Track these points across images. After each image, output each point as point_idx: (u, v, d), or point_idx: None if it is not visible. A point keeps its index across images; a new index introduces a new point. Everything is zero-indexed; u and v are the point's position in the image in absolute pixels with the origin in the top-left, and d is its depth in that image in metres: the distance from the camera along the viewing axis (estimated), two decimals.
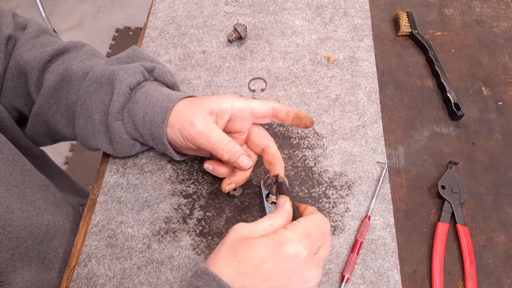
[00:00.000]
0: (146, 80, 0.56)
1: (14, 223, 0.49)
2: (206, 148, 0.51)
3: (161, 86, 0.56)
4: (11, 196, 0.50)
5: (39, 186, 0.57)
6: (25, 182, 0.54)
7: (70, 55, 0.59)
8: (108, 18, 2.32)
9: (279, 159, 0.53)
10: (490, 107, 0.67)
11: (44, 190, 0.58)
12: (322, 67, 0.70)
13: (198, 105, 0.51)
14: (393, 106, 0.67)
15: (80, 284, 0.51)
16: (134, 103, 0.53)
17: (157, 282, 0.52)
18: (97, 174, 0.61)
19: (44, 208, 0.56)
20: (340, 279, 0.52)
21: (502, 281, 0.52)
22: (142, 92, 0.53)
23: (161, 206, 0.57)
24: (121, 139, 0.54)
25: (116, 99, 0.52)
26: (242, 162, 0.51)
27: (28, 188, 0.54)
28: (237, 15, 0.78)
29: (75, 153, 1.85)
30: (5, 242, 0.48)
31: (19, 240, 0.50)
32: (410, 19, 0.75)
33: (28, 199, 0.53)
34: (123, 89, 0.52)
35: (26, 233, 0.51)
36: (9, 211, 0.49)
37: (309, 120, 0.54)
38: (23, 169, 0.54)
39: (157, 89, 0.54)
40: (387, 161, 0.61)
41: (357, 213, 0.56)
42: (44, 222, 0.55)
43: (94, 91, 0.54)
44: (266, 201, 0.54)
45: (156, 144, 0.54)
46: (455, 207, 0.56)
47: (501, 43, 0.74)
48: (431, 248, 0.54)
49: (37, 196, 0.55)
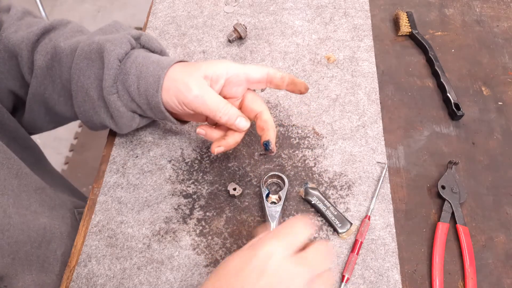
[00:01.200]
0: (134, 48, 0.54)
1: (12, 228, 0.49)
2: (203, 111, 0.50)
3: (150, 53, 0.55)
4: (7, 200, 0.50)
5: (34, 189, 0.56)
6: (21, 186, 0.53)
7: (56, 32, 0.57)
8: (108, 18, 2.32)
9: (271, 125, 0.53)
10: (490, 107, 0.67)
11: (40, 193, 0.57)
12: (322, 67, 0.70)
13: (193, 69, 0.51)
14: (393, 106, 0.67)
15: (80, 284, 0.51)
16: (126, 74, 0.52)
17: (157, 282, 0.52)
18: (97, 174, 0.61)
19: (40, 212, 0.56)
20: (340, 279, 0.52)
21: (502, 281, 0.52)
22: (131, 61, 0.52)
23: (161, 206, 0.57)
24: (119, 112, 0.53)
25: (107, 72, 0.51)
26: (239, 123, 0.51)
27: (23, 192, 0.54)
28: (237, 15, 0.78)
29: (75, 153, 1.85)
30: (5, 247, 0.48)
31: (19, 245, 0.50)
32: (410, 19, 0.75)
33: (24, 203, 0.53)
34: (112, 61, 0.51)
35: (24, 237, 0.51)
36: (6, 216, 0.48)
37: (303, 86, 0.53)
38: (18, 172, 0.54)
39: (146, 57, 0.53)
40: (387, 161, 0.61)
41: (357, 213, 0.56)
42: (40, 226, 0.54)
43: (86, 67, 0.53)
44: (266, 201, 0.54)
45: (155, 114, 0.54)
46: (455, 207, 0.56)
47: (501, 43, 0.74)
48: (431, 248, 0.54)
49: (32, 200, 0.55)
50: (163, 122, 0.65)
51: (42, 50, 0.55)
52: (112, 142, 0.63)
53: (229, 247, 0.54)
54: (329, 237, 0.55)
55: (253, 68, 0.52)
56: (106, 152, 0.62)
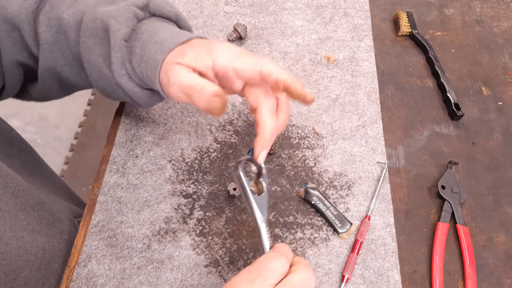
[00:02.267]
0: (142, 19, 0.48)
1: (9, 255, 0.47)
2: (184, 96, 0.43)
3: (160, 24, 0.48)
4: (4, 224, 0.47)
5: (32, 206, 0.54)
6: (17, 205, 0.51)
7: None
8: None
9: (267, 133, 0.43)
10: (490, 107, 0.67)
11: (38, 210, 0.55)
12: (322, 67, 0.70)
13: (180, 55, 0.43)
14: (393, 106, 0.67)
15: (80, 284, 0.51)
16: (132, 54, 0.47)
17: (157, 282, 0.52)
18: (97, 174, 0.61)
19: (37, 231, 0.53)
20: (340, 279, 0.52)
21: (502, 281, 0.52)
22: (136, 39, 0.47)
23: (161, 206, 0.57)
24: (134, 92, 0.49)
25: (114, 55, 0.46)
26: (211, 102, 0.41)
27: (20, 211, 0.51)
28: (237, 15, 0.78)
29: (75, 153, 1.85)
30: (2, 277, 0.46)
31: (16, 272, 0.48)
32: (410, 19, 0.75)
33: (21, 224, 0.50)
34: (118, 43, 0.46)
35: (22, 262, 0.49)
36: (3, 243, 0.46)
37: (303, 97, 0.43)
38: (14, 190, 0.51)
39: (151, 33, 0.46)
40: (387, 161, 0.61)
41: (357, 213, 0.56)
42: (39, 247, 0.52)
43: (94, 45, 0.48)
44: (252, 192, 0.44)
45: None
46: (455, 207, 0.56)
47: (501, 43, 0.74)
48: (431, 248, 0.54)
49: (30, 218, 0.53)
50: (163, 121, 0.65)
51: (45, 21, 0.50)
52: (112, 142, 0.63)
53: (229, 247, 0.54)
54: (329, 237, 0.55)
55: (244, 62, 0.42)
56: (106, 152, 0.62)
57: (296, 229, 0.55)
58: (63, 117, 1.95)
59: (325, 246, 0.54)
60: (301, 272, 0.37)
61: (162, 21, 0.49)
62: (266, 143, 0.43)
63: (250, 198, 0.43)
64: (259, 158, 0.44)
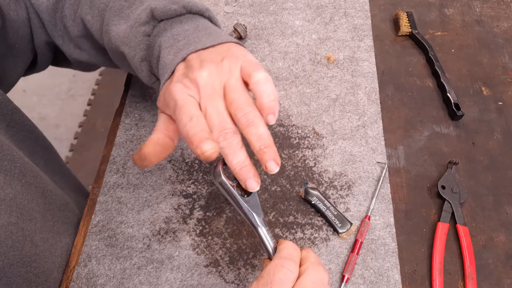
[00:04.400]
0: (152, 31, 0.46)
1: (39, 258, 0.47)
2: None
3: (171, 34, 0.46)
4: (34, 225, 0.47)
5: (58, 206, 0.55)
6: (46, 205, 0.51)
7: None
8: None
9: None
10: (490, 107, 0.67)
11: (63, 210, 0.56)
12: (322, 67, 0.70)
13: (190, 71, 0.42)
14: (393, 106, 0.67)
15: (80, 284, 0.51)
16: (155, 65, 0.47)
17: (157, 282, 0.52)
18: (97, 174, 0.61)
19: (63, 231, 0.54)
20: (340, 279, 0.52)
21: (502, 281, 0.52)
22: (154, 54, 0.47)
23: (161, 206, 0.57)
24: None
25: (140, 75, 0.48)
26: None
27: (48, 211, 0.52)
28: (237, 15, 0.78)
29: (75, 153, 1.85)
30: (33, 279, 0.45)
31: (46, 273, 0.48)
32: (410, 19, 0.75)
33: (48, 224, 0.51)
34: (138, 65, 0.47)
35: (51, 265, 0.49)
36: (33, 245, 0.46)
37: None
38: (44, 190, 0.52)
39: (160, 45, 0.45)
40: (387, 161, 0.61)
41: (357, 213, 0.56)
42: (63, 248, 0.53)
43: (120, 61, 0.51)
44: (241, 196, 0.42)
45: None
46: (455, 207, 0.56)
47: (501, 43, 0.74)
48: (431, 248, 0.54)
49: (56, 219, 0.53)
50: None
51: (71, 16, 0.52)
52: (112, 142, 0.63)
53: (229, 247, 0.54)
54: (329, 237, 0.55)
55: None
56: (106, 152, 0.62)
57: (296, 229, 0.55)
58: (63, 117, 1.95)
59: (325, 246, 0.54)
60: (312, 272, 0.36)
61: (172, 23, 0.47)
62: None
63: (240, 201, 0.40)
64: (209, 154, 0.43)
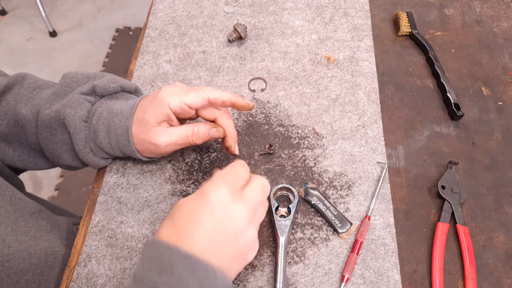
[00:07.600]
0: (94, 102, 0.55)
1: (12, 258, 0.48)
2: (180, 147, 0.54)
3: (112, 102, 0.56)
4: (5, 228, 0.49)
5: (30, 213, 0.56)
6: (16, 212, 0.53)
7: (12, 93, 0.57)
8: (108, 18, 2.32)
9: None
10: (490, 107, 0.67)
11: (36, 217, 0.57)
12: (322, 67, 0.70)
13: (147, 124, 0.51)
14: (393, 106, 0.67)
15: (80, 284, 0.51)
16: (95, 132, 0.53)
17: None
18: (97, 174, 0.61)
19: (39, 236, 0.55)
20: (340, 279, 0.52)
21: (502, 281, 0.52)
22: (97, 119, 0.53)
23: (161, 206, 0.57)
24: (99, 164, 0.57)
25: (76, 137, 0.53)
26: (213, 135, 0.54)
27: (20, 217, 0.53)
28: (237, 15, 0.78)
29: None
30: (5, 279, 0.47)
31: (19, 275, 0.49)
32: (410, 19, 0.75)
33: (21, 229, 0.52)
34: (78, 124, 0.52)
35: (26, 265, 0.50)
36: (6, 246, 0.47)
37: (247, 108, 0.55)
38: (12, 198, 0.53)
39: (109, 110, 0.53)
40: (387, 161, 0.61)
41: (357, 213, 0.56)
42: (41, 251, 0.54)
43: (50, 136, 0.55)
44: (276, 214, 0.53)
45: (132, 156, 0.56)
46: (455, 207, 0.56)
47: (501, 43, 0.74)
48: (431, 248, 0.54)
49: (30, 225, 0.54)
50: None
51: (1, 115, 0.56)
52: None
53: None
54: (329, 237, 0.55)
55: (192, 97, 0.51)
56: None
57: (296, 229, 0.55)
58: None
59: (325, 246, 0.54)
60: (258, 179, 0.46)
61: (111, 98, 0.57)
62: (234, 138, 0.55)
63: (274, 220, 0.53)
64: (236, 151, 0.56)
